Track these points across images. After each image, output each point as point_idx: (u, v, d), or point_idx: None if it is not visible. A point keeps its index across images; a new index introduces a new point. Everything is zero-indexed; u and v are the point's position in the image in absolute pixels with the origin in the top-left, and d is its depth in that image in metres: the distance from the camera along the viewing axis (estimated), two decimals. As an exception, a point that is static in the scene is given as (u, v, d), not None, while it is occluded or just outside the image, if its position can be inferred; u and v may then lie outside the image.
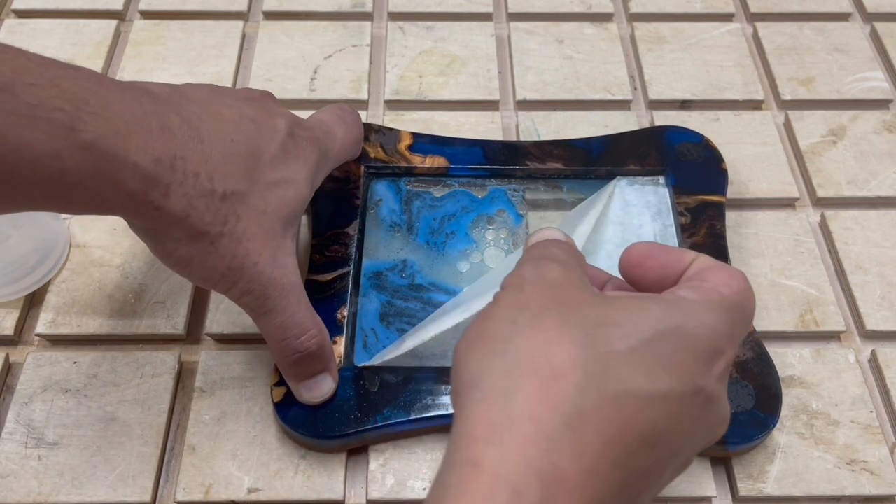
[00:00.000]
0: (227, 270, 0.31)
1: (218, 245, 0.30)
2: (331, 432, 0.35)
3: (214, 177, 0.30)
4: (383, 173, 0.44)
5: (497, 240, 0.42)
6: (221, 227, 0.30)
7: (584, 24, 0.53)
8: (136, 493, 0.35)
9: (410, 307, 0.40)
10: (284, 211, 0.33)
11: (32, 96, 0.25)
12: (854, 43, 0.52)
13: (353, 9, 0.53)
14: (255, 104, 0.34)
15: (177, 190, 0.29)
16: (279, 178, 0.33)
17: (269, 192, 0.32)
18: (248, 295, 0.32)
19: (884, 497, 0.36)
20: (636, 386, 0.24)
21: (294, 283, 0.33)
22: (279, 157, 0.33)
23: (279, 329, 0.33)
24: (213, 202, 0.30)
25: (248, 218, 0.31)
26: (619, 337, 0.24)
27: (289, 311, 0.33)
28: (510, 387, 0.24)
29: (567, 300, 0.26)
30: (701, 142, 0.44)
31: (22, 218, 0.41)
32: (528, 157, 0.44)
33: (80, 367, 0.38)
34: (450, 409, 0.35)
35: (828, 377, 0.39)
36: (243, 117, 0.32)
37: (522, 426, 0.23)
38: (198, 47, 0.51)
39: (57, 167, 0.26)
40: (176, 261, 0.31)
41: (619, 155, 0.44)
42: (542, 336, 0.24)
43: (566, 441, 0.22)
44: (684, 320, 0.25)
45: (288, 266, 0.33)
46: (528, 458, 0.22)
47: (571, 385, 0.23)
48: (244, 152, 0.31)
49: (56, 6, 0.52)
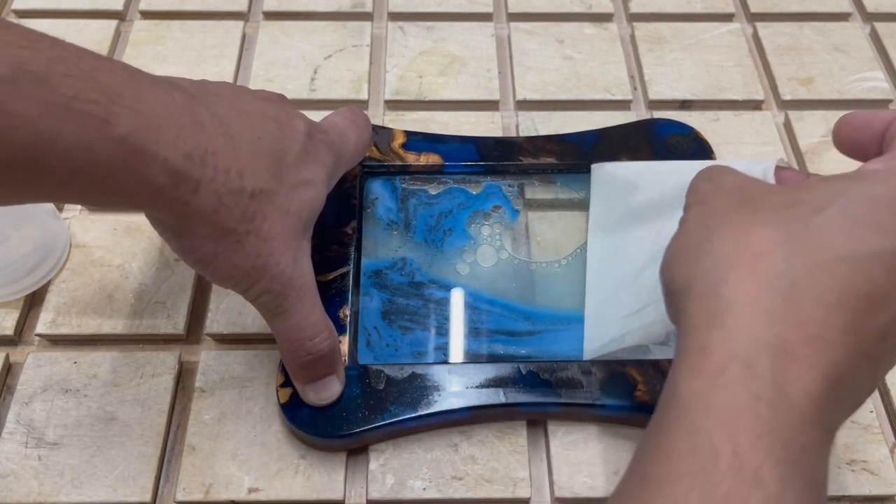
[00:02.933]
0: (250, 269, 0.31)
1: (244, 243, 0.30)
2: (339, 431, 0.35)
3: (244, 174, 0.30)
4: (378, 172, 0.44)
5: (493, 235, 0.42)
6: (248, 226, 0.30)
7: (584, 24, 0.53)
8: (136, 493, 0.35)
9: (412, 304, 0.40)
10: (305, 211, 0.33)
11: (68, 87, 0.24)
12: (854, 43, 0.52)
13: (353, 9, 0.53)
14: (274, 104, 0.34)
15: (207, 186, 0.28)
16: (301, 179, 0.33)
17: (292, 192, 0.32)
18: (267, 294, 0.32)
19: (884, 497, 0.36)
20: (843, 249, 0.24)
21: (311, 285, 0.33)
22: (301, 157, 0.33)
23: (293, 330, 0.33)
24: (243, 200, 0.30)
25: (273, 217, 0.31)
26: (811, 211, 0.25)
27: (304, 312, 0.33)
28: (720, 278, 0.25)
29: (750, 196, 0.27)
30: (689, 134, 0.45)
31: (22, 218, 0.41)
32: (521, 152, 0.44)
33: (80, 367, 0.38)
34: (457, 404, 0.35)
35: (828, 377, 0.39)
36: (266, 116, 0.32)
37: (740, 306, 0.24)
38: (198, 47, 0.51)
39: (88, 159, 0.25)
40: (200, 258, 0.30)
41: (611, 148, 0.44)
42: (736, 230, 0.26)
43: (786, 312, 0.23)
44: (873, 187, 0.25)
45: (305, 267, 0.33)
46: (752, 332, 0.23)
47: (778, 259, 0.24)
48: (271, 150, 0.31)
49: (56, 6, 0.52)
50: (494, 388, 0.36)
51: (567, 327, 0.39)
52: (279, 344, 0.34)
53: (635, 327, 0.36)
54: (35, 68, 0.24)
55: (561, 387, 0.36)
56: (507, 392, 0.36)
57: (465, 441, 0.36)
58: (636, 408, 0.35)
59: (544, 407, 0.36)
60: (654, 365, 0.36)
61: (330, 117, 0.38)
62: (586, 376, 0.36)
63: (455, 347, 0.39)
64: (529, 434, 0.37)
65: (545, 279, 0.41)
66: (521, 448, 0.36)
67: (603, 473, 0.36)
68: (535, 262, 0.42)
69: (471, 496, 0.35)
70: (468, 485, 0.35)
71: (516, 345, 0.39)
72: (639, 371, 0.36)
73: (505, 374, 0.36)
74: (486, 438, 0.36)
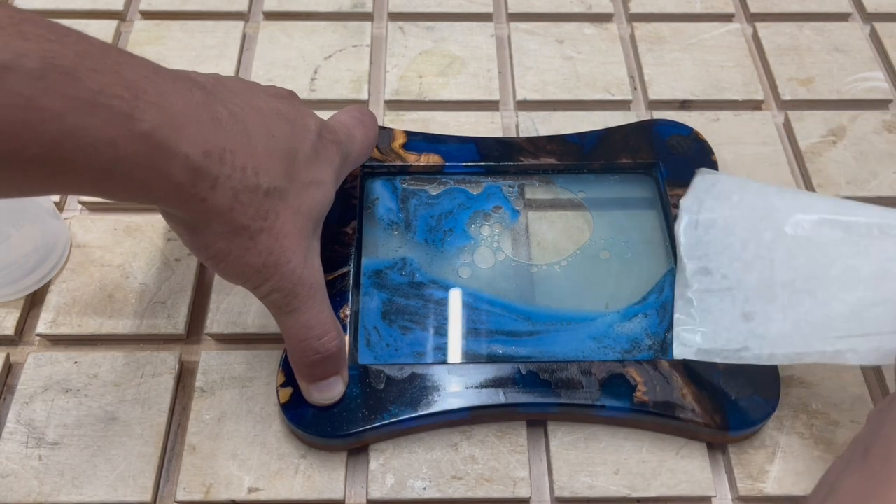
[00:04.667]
0: (262, 266, 0.31)
1: (257, 241, 0.30)
2: (339, 431, 0.35)
3: (259, 171, 0.30)
4: (378, 172, 0.44)
5: (493, 236, 0.42)
6: (262, 223, 0.30)
7: (584, 24, 0.53)
8: (137, 492, 0.35)
9: (412, 305, 0.40)
10: (315, 211, 0.33)
11: (95, 82, 0.24)
12: (854, 43, 0.52)
13: (353, 9, 0.53)
14: (285, 102, 0.34)
15: (224, 183, 0.28)
16: (312, 178, 0.33)
17: (304, 191, 0.32)
18: (277, 292, 0.32)
19: (884, 497, 0.36)
20: None
21: (320, 284, 0.33)
22: (311, 157, 0.33)
23: (303, 328, 0.33)
24: (258, 197, 0.30)
25: (285, 216, 0.31)
26: None
27: (314, 310, 0.33)
28: None
29: None
30: (690, 134, 0.45)
31: (22, 218, 0.41)
32: (521, 152, 0.44)
33: (80, 367, 0.38)
34: (457, 404, 0.35)
35: (827, 377, 0.39)
36: (279, 113, 0.32)
37: None
38: (198, 47, 0.51)
39: (111, 155, 0.25)
40: (213, 254, 0.30)
41: (611, 149, 0.44)
42: None
43: None
44: None
45: (315, 266, 0.33)
46: None
47: None
48: (284, 149, 0.31)
49: (56, 6, 0.53)
50: (494, 388, 0.36)
51: (567, 328, 0.39)
52: (287, 342, 0.34)
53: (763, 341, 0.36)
54: (63, 62, 0.24)
55: (561, 387, 0.36)
56: (507, 392, 0.36)
57: (465, 441, 0.36)
58: (636, 408, 0.35)
59: (544, 407, 0.36)
60: (654, 366, 0.36)
61: (337, 116, 0.38)
62: (586, 377, 0.36)
63: (455, 347, 0.39)
64: (529, 434, 0.37)
65: (545, 280, 0.41)
66: (521, 448, 0.36)
67: (603, 473, 0.36)
68: (535, 263, 0.42)
69: (471, 496, 0.35)
70: (468, 484, 0.35)
71: (516, 345, 0.39)
72: (639, 372, 0.36)
73: (505, 374, 0.36)
74: (486, 438, 0.37)
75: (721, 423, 0.35)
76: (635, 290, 0.41)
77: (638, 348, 0.39)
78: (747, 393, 0.36)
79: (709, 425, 0.35)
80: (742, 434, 0.36)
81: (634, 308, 0.40)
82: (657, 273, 0.41)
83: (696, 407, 0.35)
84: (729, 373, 0.36)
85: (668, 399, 0.35)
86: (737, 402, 0.35)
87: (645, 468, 0.36)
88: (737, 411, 0.35)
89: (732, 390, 0.36)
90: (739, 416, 0.35)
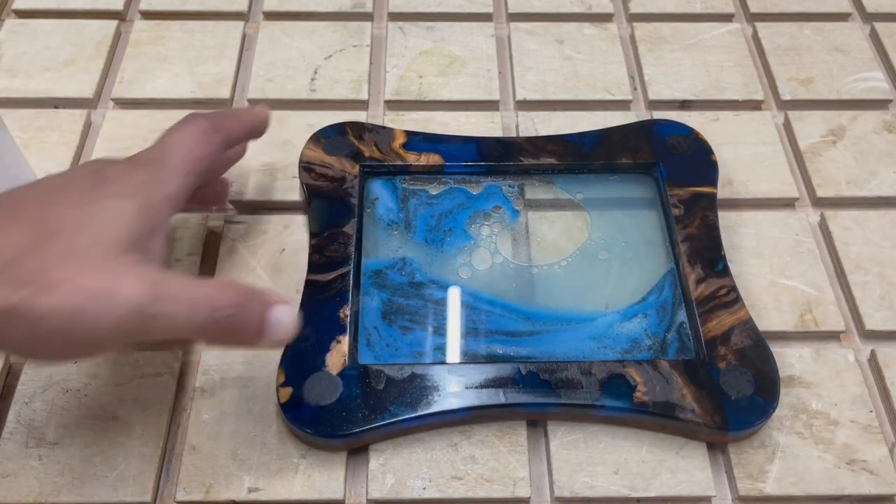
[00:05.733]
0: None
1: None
2: (339, 431, 0.35)
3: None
4: (378, 172, 0.44)
5: (493, 236, 0.42)
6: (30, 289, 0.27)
7: (584, 24, 0.53)
8: (137, 492, 0.35)
9: (412, 305, 0.40)
10: (113, 233, 0.30)
11: None
12: (854, 43, 0.52)
13: (353, 9, 0.53)
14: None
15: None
16: (88, 214, 0.30)
17: (77, 233, 0.29)
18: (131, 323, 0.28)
19: (884, 497, 0.36)
20: None
21: (164, 282, 0.29)
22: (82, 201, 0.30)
23: (189, 312, 0.29)
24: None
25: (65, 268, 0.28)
26: None
27: (179, 299, 0.29)
28: None
29: None
30: (690, 134, 0.45)
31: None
32: (521, 152, 0.44)
33: (80, 367, 0.38)
34: (457, 404, 0.35)
35: (827, 377, 0.39)
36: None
37: None
38: (198, 47, 0.51)
39: None
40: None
41: (611, 149, 0.44)
42: None
43: None
44: None
45: (142, 274, 0.29)
46: None
47: None
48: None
49: (56, 6, 0.53)
50: (494, 388, 0.36)
51: (567, 328, 0.39)
52: (197, 335, 0.31)
53: None
54: None
55: (561, 387, 0.36)
56: (507, 392, 0.36)
57: (465, 441, 0.36)
58: (636, 408, 0.35)
59: (544, 407, 0.36)
60: (654, 366, 0.36)
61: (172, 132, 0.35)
62: (586, 377, 0.36)
63: (455, 347, 0.39)
64: (529, 434, 0.37)
65: (545, 280, 0.41)
66: (521, 448, 0.36)
67: (603, 473, 0.36)
68: (535, 263, 0.42)
69: (471, 496, 0.35)
70: (468, 484, 0.35)
71: (516, 345, 0.39)
72: (638, 372, 0.36)
73: (505, 374, 0.36)
74: (486, 438, 0.37)
75: (721, 423, 0.35)
76: (635, 290, 0.41)
77: (638, 348, 0.39)
78: (747, 393, 0.36)
79: (708, 425, 0.35)
80: (742, 434, 0.36)
81: (634, 308, 0.40)
82: (657, 273, 0.41)
83: (696, 407, 0.35)
84: (729, 373, 0.36)
85: (667, 399, 0.36)
86: (737, 402, 0.35)
87: (645, 468, 0.36)
88: (737, 411, 0.35)
89: (732, 390, 0.36)
90: (739, 416, 0.35)
